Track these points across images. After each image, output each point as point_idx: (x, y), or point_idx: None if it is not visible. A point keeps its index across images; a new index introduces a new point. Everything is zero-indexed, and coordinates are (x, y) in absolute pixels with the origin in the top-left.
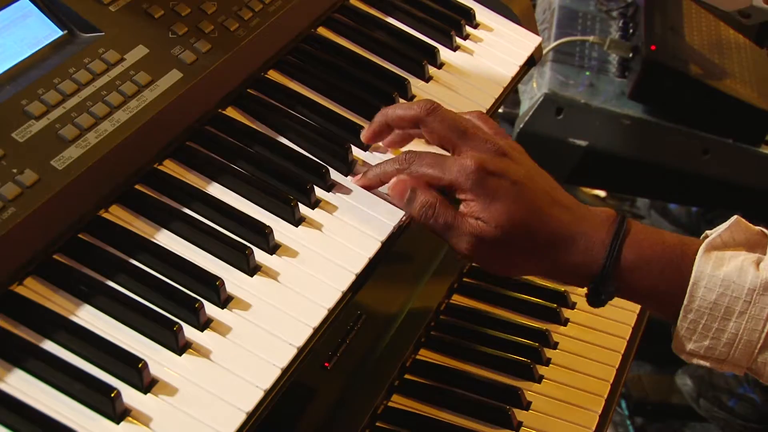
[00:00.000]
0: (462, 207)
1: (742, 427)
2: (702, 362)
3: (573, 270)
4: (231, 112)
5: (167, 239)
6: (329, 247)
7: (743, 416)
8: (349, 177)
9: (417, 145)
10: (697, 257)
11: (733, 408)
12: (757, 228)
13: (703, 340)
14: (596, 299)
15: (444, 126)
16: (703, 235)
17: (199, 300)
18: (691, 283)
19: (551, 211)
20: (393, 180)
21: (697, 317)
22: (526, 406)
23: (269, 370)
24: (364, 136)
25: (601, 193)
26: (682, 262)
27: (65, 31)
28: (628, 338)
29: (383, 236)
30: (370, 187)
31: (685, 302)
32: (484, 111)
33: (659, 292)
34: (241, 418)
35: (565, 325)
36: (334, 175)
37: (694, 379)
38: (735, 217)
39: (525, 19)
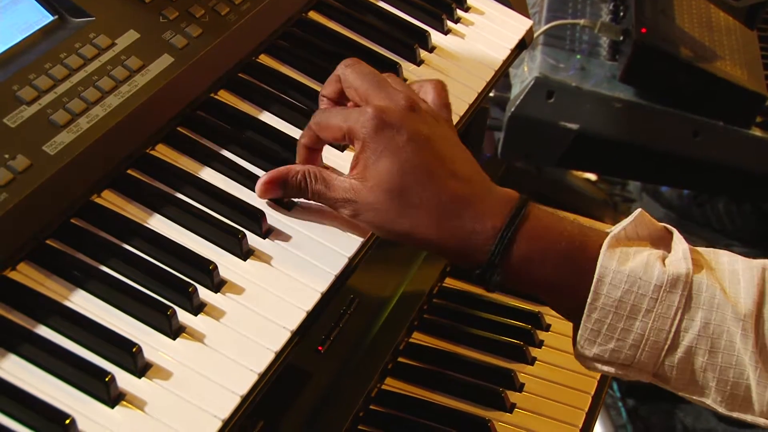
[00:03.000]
0: (354, 157)
1: None
2: (606, 368)
3: (457, 252)
4: (222, 96)
5: (160, 224)
6: (322, 232)
7: None
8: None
9: None
10: (602, 252)
11: None
12: (661, 224)
13: (608, 342)
14: (484, 285)
15: (361, 77)
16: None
17: (192, 284)
18: (595, 279)
19: (443, 181)
20: (258, 184)
21: (602, 316)
22: (519, 387)
23: (263, 354)
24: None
25: (593, 177)
26: (582, 256)
27: (56, 16)
28: None
29: None
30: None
31: (589, 300)
32: (476, 93)
33: (555, 286)
34: (236, 401)
35: None
36: (327, 160)
37: None
38: (639, 210)
39: (516, 3)
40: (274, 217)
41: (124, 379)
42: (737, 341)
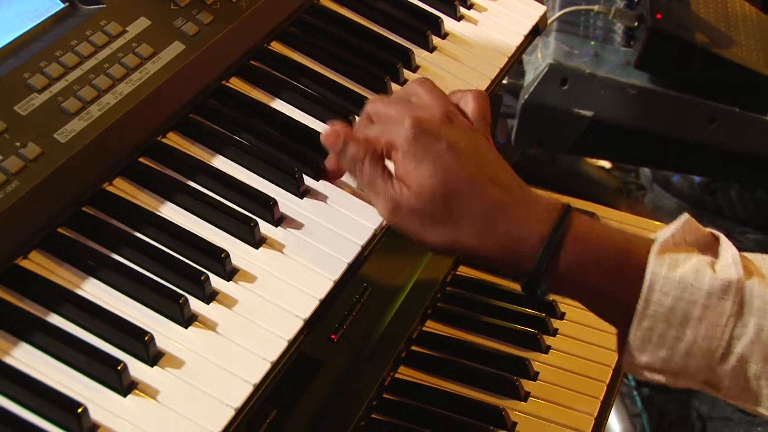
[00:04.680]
0: (394, 168)
1: None
2: (657, 377)
3: (502, 260)
4: (234, 83)
5: (172, 212)
6: (335, 219)
7: None
8: None
9: None
10: (651, 258)
11: None
12: (707, 230)
13: (659, 350)
14: (531, 295)
15: (391, 99)
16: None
17: (204, 272)
18: (646, 286)
19: (484, 188)
20: (327, 128)
21: (652, 324)
22: (534, 376)
23: (276, 342)
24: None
25: (606, 164)
26: (628, 263)
27: (66, 4)
28: None
29: None
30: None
31: (639, 307)
32: (489, 80)
33: (601, 293)
34: (248, 390)
35: None
36: None
37: None
38: (685, 215)
39: None
40: (287, 205)
41: (136, 368)
42: None
